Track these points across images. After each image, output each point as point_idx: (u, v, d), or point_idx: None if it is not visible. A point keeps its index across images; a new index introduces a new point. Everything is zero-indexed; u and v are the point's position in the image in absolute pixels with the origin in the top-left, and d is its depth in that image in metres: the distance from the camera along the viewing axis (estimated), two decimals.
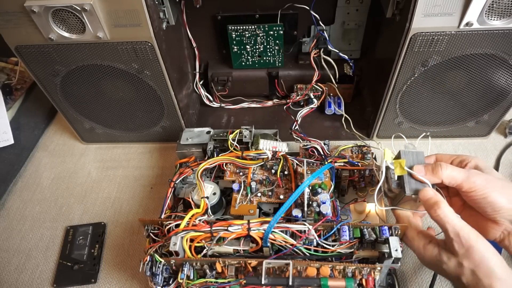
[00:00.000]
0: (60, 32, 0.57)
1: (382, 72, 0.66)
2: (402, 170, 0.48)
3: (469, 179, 0.45)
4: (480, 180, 0.45)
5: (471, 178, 0.45)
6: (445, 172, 0.46)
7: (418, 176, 0.46)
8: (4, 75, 0.90)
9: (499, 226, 0.46)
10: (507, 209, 0.44)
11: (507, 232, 0.46)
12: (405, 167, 0.47)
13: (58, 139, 0.85)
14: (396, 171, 0.48)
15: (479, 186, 0.44)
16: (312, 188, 0.55)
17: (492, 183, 0.45)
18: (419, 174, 0.46)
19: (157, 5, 0.58)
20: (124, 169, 0.78)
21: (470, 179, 0.45)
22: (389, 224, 0.48)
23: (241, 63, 0.79)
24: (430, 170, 0.46)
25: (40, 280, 0.63)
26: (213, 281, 0.49)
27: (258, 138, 0.63)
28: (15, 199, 0.75)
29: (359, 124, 0.77)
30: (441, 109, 0.69)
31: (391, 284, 0.54)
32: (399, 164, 0.48)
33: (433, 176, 0.46)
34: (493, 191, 0.44)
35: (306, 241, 0.49)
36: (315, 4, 0.67)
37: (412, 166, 0.47)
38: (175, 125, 0.76)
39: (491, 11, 0.52)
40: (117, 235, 0.68)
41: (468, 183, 0.45)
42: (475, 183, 0.44)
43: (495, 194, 0.44)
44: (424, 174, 0.46)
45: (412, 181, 0.47)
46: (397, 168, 0.48)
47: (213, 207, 0.57)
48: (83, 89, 0.68)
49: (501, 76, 0.62)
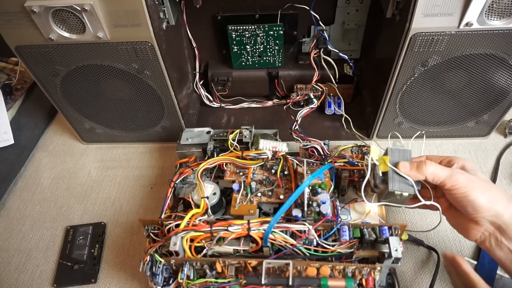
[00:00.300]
0: (60, 32, 0.57)
1: (382, 72, 0.66)
2: (386, 166, 0.48)
3: (452, 177, 0.45)
4: (462, 179, 0.45)
5: (453, 176, 0.45)
6: (429, 169, 0.46)
7: (400, 171, 0.47)
8: (4, 75, 0.90)
9: (480, 227, 0.46)
10: (486, 209, 0.44)
11: (487, 233, 0.46)
12: (388, 164, 0.48)
13: (58, 139, 0.85)
14: (380, 167, 0.49)
15: (461, 184, 0.45)
16: (312, 188, 0.55)
17: (474, 183, 0.45)
18: (404, 170, 0.47)
19: (157, 5, 0.58)
20: (124, 169, 0.78)
21: (452, 177, 0.45)
22: (389, 224, 0.49)
23: (241, 63, 0.79)
24: (415, 166, 0.47)
25: (40, 280, 0.63)
26: (213, 281, 0.49)
27: (258, 138, 0.64)
28: (15, 199, 0.75)
29: (359, 124, 0.77)
30: (441, 109, 0.69)
31: (391, 284, 0.54)
32: (383, 161, 0.49)
33: (417, 173, 0.47)
34: (474, 190, 0.44)
35: (306, 241, 0.49)
36: (315, 4, 0.67)
37: (398, 162, 0.48)
38: (175, 125, 0.76)
39: (491, 11, 0.52)
40: (117, 235, 0.68)
41: (450, 180, 0.45)
42: (457, 181, 0.45)
43: (475, 193, 0.44)
44: (409, 170, 0.47)
45: (396, 178, 0.48)
46: (381, 164, 0.49)
47: (213, 207, 0.57)
48: (83, 89, 0.68)
49: (501, 76, 0.62)
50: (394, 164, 0.48)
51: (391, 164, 0.48)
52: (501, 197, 0.45)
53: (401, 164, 0.47)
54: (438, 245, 0.61)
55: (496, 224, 0.45)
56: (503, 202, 0.45)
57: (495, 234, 0.45)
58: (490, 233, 0.46)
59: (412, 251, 0.62)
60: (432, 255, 0.61)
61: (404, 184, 0.47)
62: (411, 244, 0.62)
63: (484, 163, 0.73)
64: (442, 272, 0.59)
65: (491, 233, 0.46)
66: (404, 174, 0.47)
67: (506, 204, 0.45)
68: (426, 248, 0.62)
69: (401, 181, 0.47)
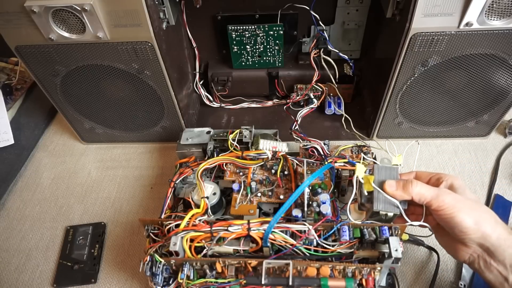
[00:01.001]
0: (60, 32, 0.57)
1: (382, 72, 0.66)
2: (371, 186, 0.48)
3: (438, 197, 0.45)
4: (449, 199, 0.44)
5: (440, 197, 0.45)
6: (415, 189, 0.46)
7: (385, 192, 0.47)
8: (4, 75, 0.90)
9: (468, 248, 0.45)
10: (473, 230, 0.43)
11: (476, 255, 0.45)
12: (373, 184, 0.48)
13: (58, 139, 0.85)
14: (365, 187, 0.49)
15: (447, 205, 0.44)
16: (312, 188, 0.55)
17: (460, 203, 0.44)
18: (390, 189, 0.47)
19: (157, 5, 0.58)
20: (124, 169, 0.78)
21: (439, 198, 0.45)
22: (389, 224, 0.48)
23: (241, 63, 0.79)
24: (401, 186, 0.47)
25: (40, 280, 0.63)
26: (213, 281, 0.49)
27: (258, 138, 0.63)
28: (15, 199, 0.75)
29: (359, 124, 0.77)
30: (441, 109, 0.69)
31: (391, 284, 0.54)
32: (368, 180, 0.48)
33: (403, 192, 0.46)
34: (461, 211, 0.44)
35: (306, 241, 0.49)
36: (315, 4, 0.67)
37: (384, 181, 0.47)
38: (175, 125, 0.76)
39: (491, 11, 0.52)
40: (117, 235, 0.68)
41: (437, 201, 0.45)
42: (443, 201, 0.44)
43: (462, 214, 0.44)
44: (395, 189, 0.47)
45: (381, 197, 0.47)
46: (366, 183, 0.49)
47: (213, 207, 0.57)
48: (83, 89, 0.68)
49: (501, 76, 0.62)
50: (380, 183, 0.48)
51: (377, 183, 0.48)
52: (488, 218, 0.44)
53: (387, 183, 0.47)
54: (438, 246, 0.61)
55: (484, 246, 0.44)
56: (490, 223, 0.44)
57: (483, 256, 0.45)
58: (478, 254, 0.45)
59: (412, 251, 0.62)
60: (432, 255, 0.61)
61: (389, 204, 0.47)
62: (411, 244, 0.62)
63: (484, 163, 0.73)
64: (442, 272, 0.59)
65: (480, 255, 0.45)
66: (388, 194, 0.47)
67: (493, 225, 0.44)
68: (426, 248, 0.62)
69: (386, 201, 0.47)
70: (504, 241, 0.43)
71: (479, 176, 0.71)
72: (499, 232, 0.44)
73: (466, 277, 0.57)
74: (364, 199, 0.49)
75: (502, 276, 0.44)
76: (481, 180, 0.70)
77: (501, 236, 0.43)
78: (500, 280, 0.44)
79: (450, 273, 0.59)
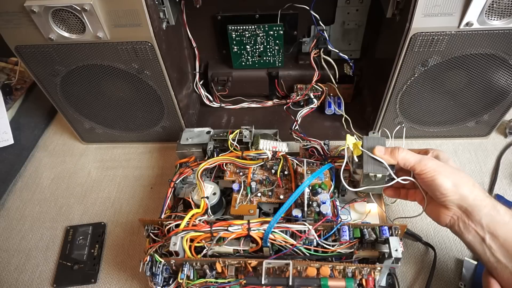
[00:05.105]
0: (60, 32, 0.57)
1: (382, 72, 0.66)
2: (359, 150, 0.52)
3: (421, 162, 0.48)
4: (430, 164, 0.48)
5: (423, 162, 0.48)
6: (401, 154, 0.50)
7: (375, 154, 0.51)
8: (4, 75, 0.90)
9: (449, 211, 0.48)
10: (452, 191, 0.46)
11: (456, 217, 0.48)
12: (360, 148, 0.52)
13: (58, 139, 0.85)
14: (354, 152, 0.53)
15: (429, 169, 0.47)
16: (312, 188, 0.55)
17: (441, 168, 0.47)
18: (378, 153, 0.50)
19: (157, 5, 0.58)
20: (124, 169, 0.78)
21: (422, 162, 0.48)
22: (389, 224, 0.49)
23: (241, 63, 0.79)
24: (389, 151, 0.50)
25: (40, 280, 0.63)
26: (213, 281, 0.49)
27: (258, 138, 0.63)
28: (15, 199, 0.75)
29: (359, 124, 0.77)
30: (441, 109, 0.69)
31: (391, 284, 0.54)
32: (356, 146, 0.53)
33: (390, 157, 0.50)
34: (441, 174, 0.47)
35: (306, 241, 0.49)
36: (315, 4, 0.67)
37: (373, 147, 0.51)
38: (175, 125, 0.76)
39: (491, 11, 0.52)
40: (117, 235, 0.68)
41: (419, 165, 0.48)
42: (426, 165, 0.48)
43: (441, 177, 0.47)
44: (383, 154, 0.51)
45: (370, 161, 0.51)
46: (355, 149, 0.53)
47: (213, 207, 0.57)
48: (83, 89, 0.68)
49: (501, 76, 0.62)
50: (369, 149, 0.51)
51: (365, 149, 0.51)
52: (466, 181, 0.47)
53: (377, 148, 0.51)
54: (437, 243, 0.62)
55: (463, 208, 0.47)
56: (468, 185, 0.47)
57: (462, 217, 0.47)
58: (458, 216, 0.48)
59: (410, 247, 0.62)
60: (429, 252, 0.61)
61: (378, 166, 0.51)
62: (409, 239, 0.63)
63: (484, 163, 0.73)
64: (442, 271, 0.59)
65: (459, 216, 0.48)
66: (378, 157, 0.50)
67: (471, 187, 0.47)
68: (423, 245, 0.62)
69: (375, 163, 0.51)
70: (480, 201, 0.46)
71: (479, 176, 0.71)
72: (476, 193, 0.46)
73: (466, 277, 0.57)
74: (355, 165, 0.53)
75: (480, 237, 0.46)
76: (481, 180, 0.70)
77: (478, 197, 0.46)
78: (479, 241, 0.47)
79: (450, 272, 0.59)
